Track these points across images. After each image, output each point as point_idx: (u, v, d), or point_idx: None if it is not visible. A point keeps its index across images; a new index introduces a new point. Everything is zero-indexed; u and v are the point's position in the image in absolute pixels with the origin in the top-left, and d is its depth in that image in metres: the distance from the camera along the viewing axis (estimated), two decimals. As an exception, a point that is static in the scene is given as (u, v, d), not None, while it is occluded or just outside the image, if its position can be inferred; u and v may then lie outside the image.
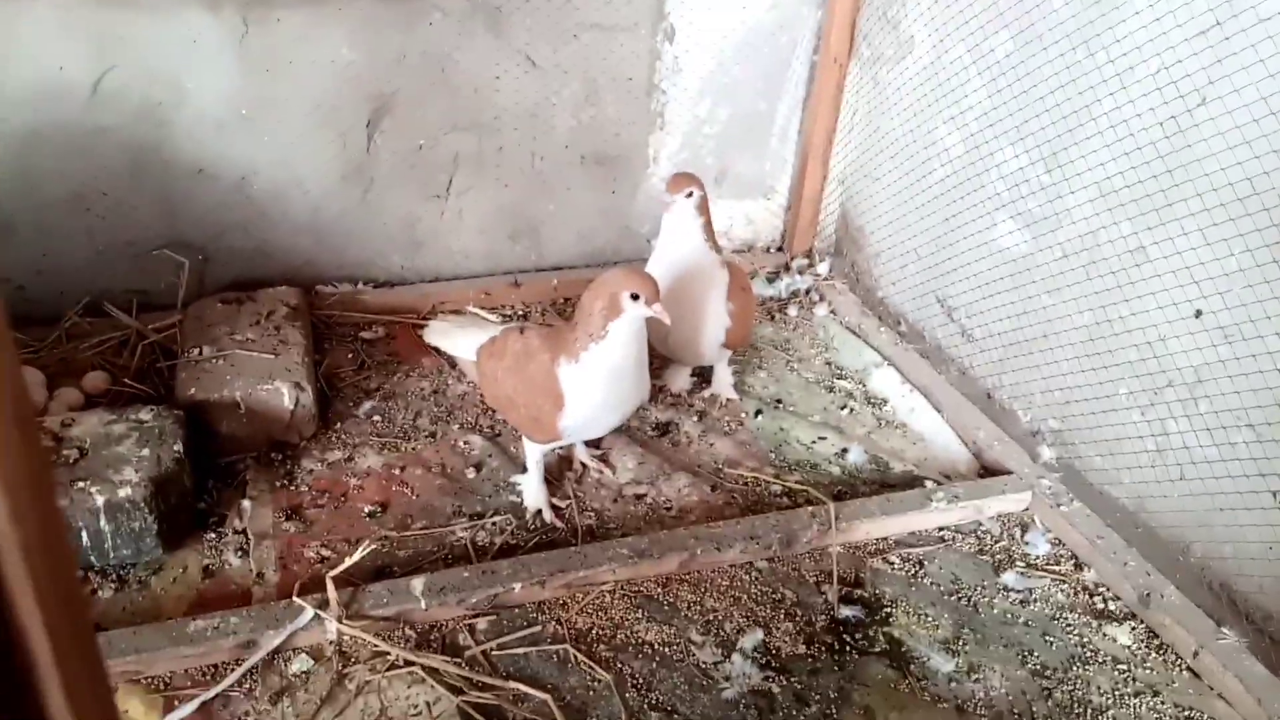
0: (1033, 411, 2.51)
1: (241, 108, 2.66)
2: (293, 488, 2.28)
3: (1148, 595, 2.07)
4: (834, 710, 1.87)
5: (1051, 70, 2.28)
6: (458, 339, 2.43)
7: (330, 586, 1.91)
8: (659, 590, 2.09)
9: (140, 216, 2.71)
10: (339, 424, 2.49)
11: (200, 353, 2.40)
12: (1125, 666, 1.99)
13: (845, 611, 2.07)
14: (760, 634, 2.00)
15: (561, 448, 2.38)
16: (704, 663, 1.94)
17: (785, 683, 1.91)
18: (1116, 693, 1.93)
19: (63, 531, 0.38)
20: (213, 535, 2.14)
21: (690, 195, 2.39)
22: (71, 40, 2.44)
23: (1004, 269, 2.54)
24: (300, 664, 1.86)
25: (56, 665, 0.35)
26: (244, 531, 2.15)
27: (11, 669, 0.34)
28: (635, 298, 1.98)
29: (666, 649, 1.97)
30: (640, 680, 1.89)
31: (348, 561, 1.98)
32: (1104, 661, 2.00)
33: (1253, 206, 1.86)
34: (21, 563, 0.33)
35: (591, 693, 1.86)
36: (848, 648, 2.00)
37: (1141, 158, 2.07)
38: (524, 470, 2.32)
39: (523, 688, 1.83)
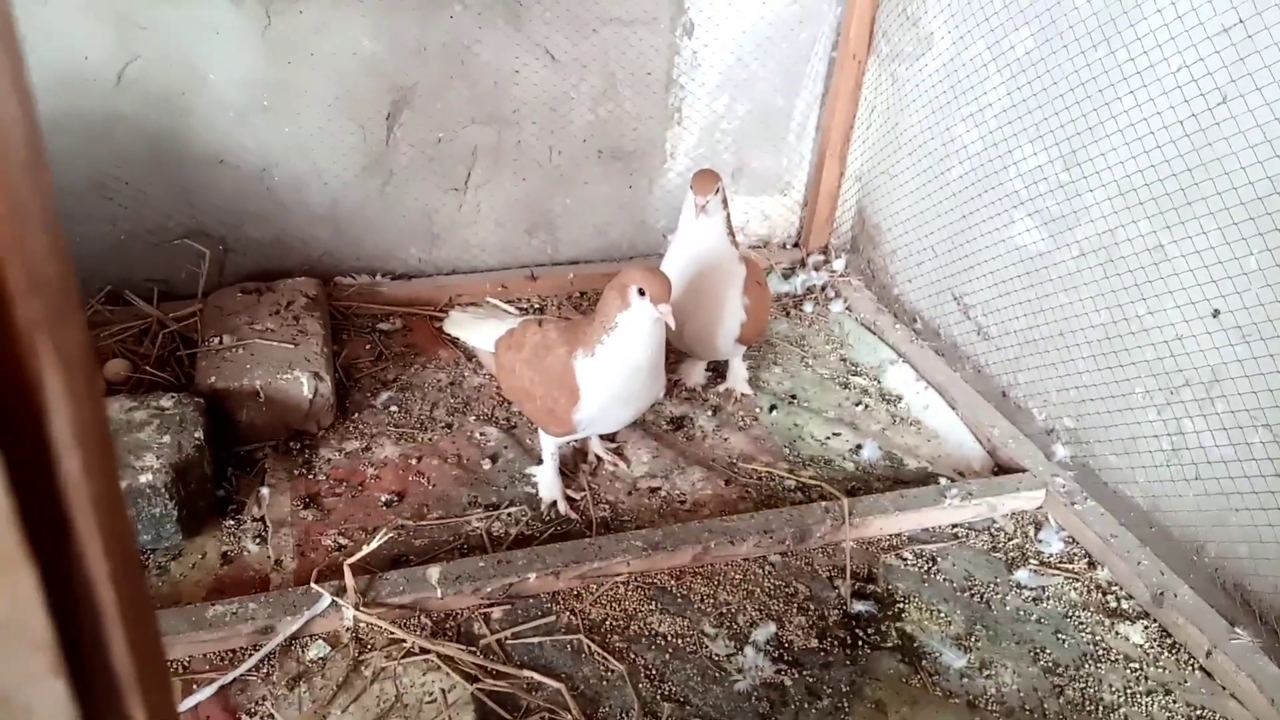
0: (1048, 410, 2.51)
1: (263, 98, 2.68)
2: (311, 476, 2.31)
3: (1161, 594, 2.07)
4: (846, 704, 1.88)
5: (1072, 68, 2.27)
6: (477, 330, 2.44)
7: (347, 574, 1.93)
8: (672, 582, 2.10)
9: (161, 205, 2.73)
10: (357, 414, 2.51)
11: (220, 342, 2.43)
12: (1137, 665, 1.99)
13: (858, 606, 2.08)
14: (773, 627, 2.01)
15: (577, 441, 2.39)
16: (716, 655, 1.96)
17: (797, 676, 1.92)
18: (1128, 691, 1.93)
19: (120, 490, 0.39)
20: (231, 522, 2.17)
21: (718, 192, 2.39)
22: (97, 29, 2.46)
23: (1021, 267, 2.53)
24: (317, 650, 1.88)
25: (120, 615, 0.36)
26: (262, 519, 2.17)
27: (79, 617, 0.36)
28: (642, 294, 1.99)
29: (679, 641, 1.98)
30: (653, 671, 1.91)
31: (365, 550, 2.00)
32: (1116, 660, 2.00)
33: (1272, 206, 1.85)
34: (91, 515, 0.34)
35: (605, 683, 1.88)
36: (860, 642, 2.01)
37: (1161, 156, 2.07)
38: (539, 462, 2.34)
39: (537, 676, 1.85)
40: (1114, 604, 2.13)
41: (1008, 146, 2.52)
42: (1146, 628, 2.07)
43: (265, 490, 2.24)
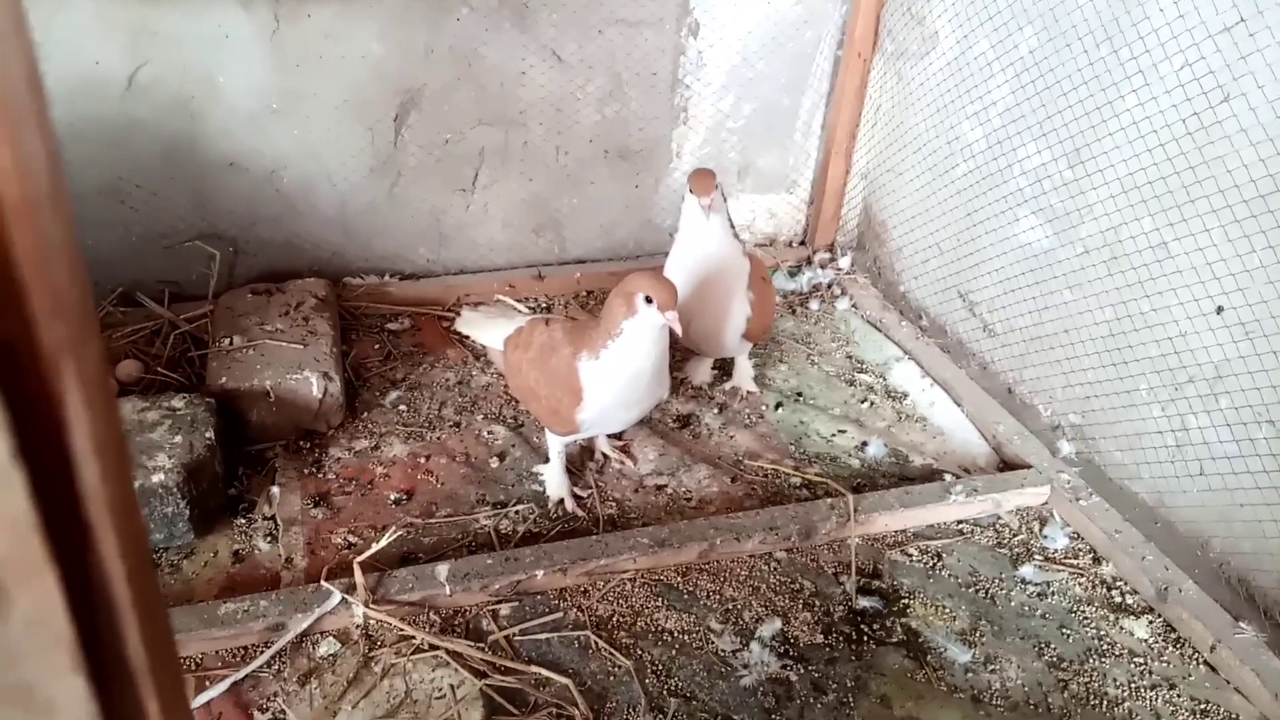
0: (1053, 406, 2.52)
1: (272, 102, 2.71)
2: (320, 475, 2.34)
3: (1165, 589, 2.08)
4: (851, 699, 1.89)
5: (1075, 66, 2.28)
6: (487, 329, 2.47)
7: (357, 571, 1.95)
8: (679, 579, 2.12)
9: (173, 208, 2.77)
10: (366, 413, 2.54)
11: (231, 342, 2.46)
12: (1142, 660, 2.00)
13: (863, 602, 2.09)
14: (778, 623, 2.03)
15: (583, 439, 2.41)
16: (723, 650, 1.97)
17: (803, 671, 1.94)
18: (1133, 685, 1.95)
19: (134, 493, 0.41)
20: (242, 521, 2.20)
21: (716, 189, 2.40)
22: (108, 35, 2.49)
23: (1026, 264, 2.54)
24: (327, 647, 1.91)
25: (135, 611, 0.38)
26: (273, 517, 2.20)
27: (97, 615, 0.38)
28: (649, 301, 2.01)
29: (686, 637, 2.00)
30: (660, 667, 1.93)
31: (374, 547, 2.03)
32: (1121, 654, 2.01)
33: (1275, 203, 1.86)
34: (108, 519, 0.36)
35: (612, 678, 1.90)
36: (865, 638, 2.02)
37: (1164, 154, 2.08)
38: (546, 460, 2.36)
39: (545, 672, 1.87)
40: (1119, 599, 2.14)
41: (1012, 144, 2.53)
42: (1151, 623, 2.08)
43: (276, 489, 2.27)
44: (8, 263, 0.30)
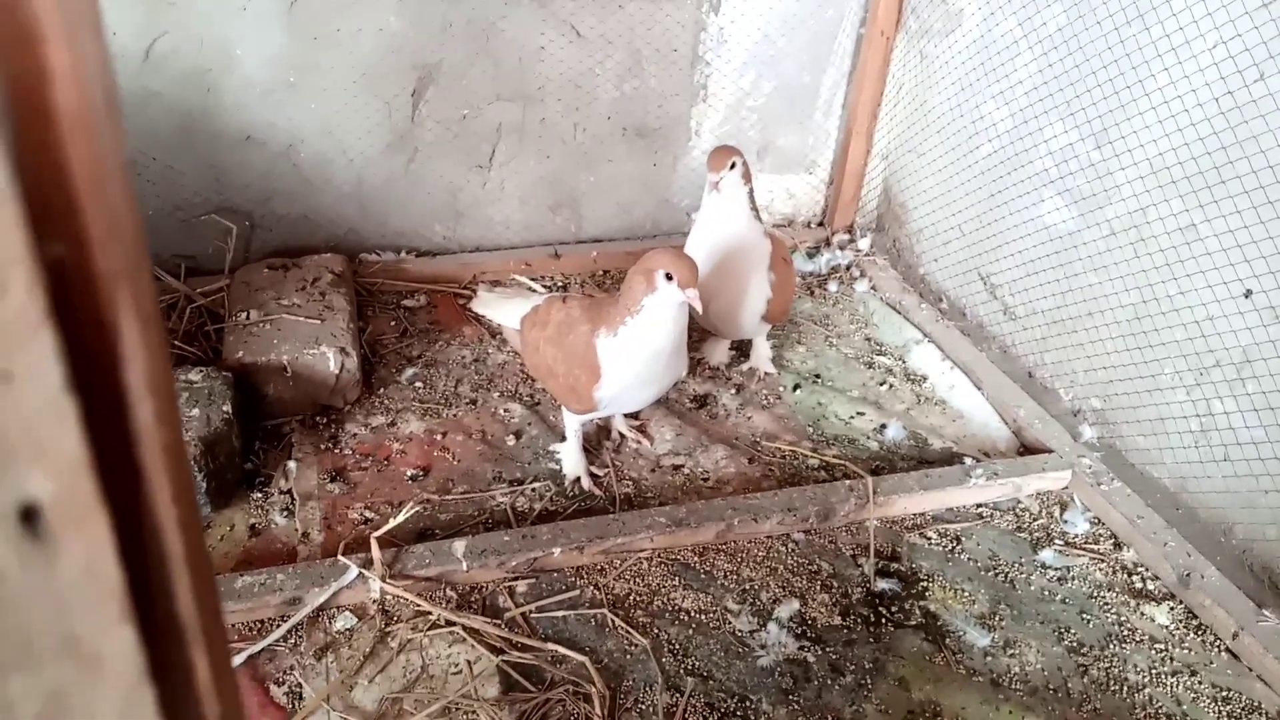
0: (1075, 390, 2.50)
1: (289, 75, 2.69)
2: (337, 450, 2.33)
3: (1188, 576, 2.06)
4: (869, 681, 1.88)
5: (1105, 44, 2.24)
6: (503, 307, 2.45)
7: (374, 546, 1.94)
8: (696, 559, 2.11)
9: (189, 182, 2.75)
10: (382, 389, 2.53)
11: (248, 317, 2.45)
12: (1163, 646, 1.98)
13: (881, 584, 2.08)
14: (796, 604, 2.01)
15: (600, 418, 2.39)
16: (740, 630, 1.96)
17: (820, 652, 1.93)
18: (1154, 671, 1.93)
19: (184, 439, 0.40)
20: (259, 495, 2.19)
21: (734, 167, 2.38)
22: (125, 6, 2.47)
23: (1049, 246, 2.51)
24: (344, 621, 1.90)
25: (186, 562, 0.37)
26: (289, 492, 2.20)
27: (146, 565, 0.36)
28: (669, 278, 1.98)
29: (703, 616, 1.99)
30: (677, 646, 1.92)
31: (391, 522, 2.02)
32: (1141, 640, 1.99)
33: (1310, 184, 1.83)
34: (162, 463, 0.35)
35: (629, 656, 1.89)
36: (883, 620, 2.01)
37: (1195, 134, 2.04)
38: (563, 439, 2.35)
39: (562, 650, 1.86)
40: (1140, 585, 2.12)
41: (1037, 124, 2.49)
42: (1172, 609, 2.06)
43: (292, 464, 2.26)
44: (64, 177, 0.28)
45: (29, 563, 0.33)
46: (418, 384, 2.57)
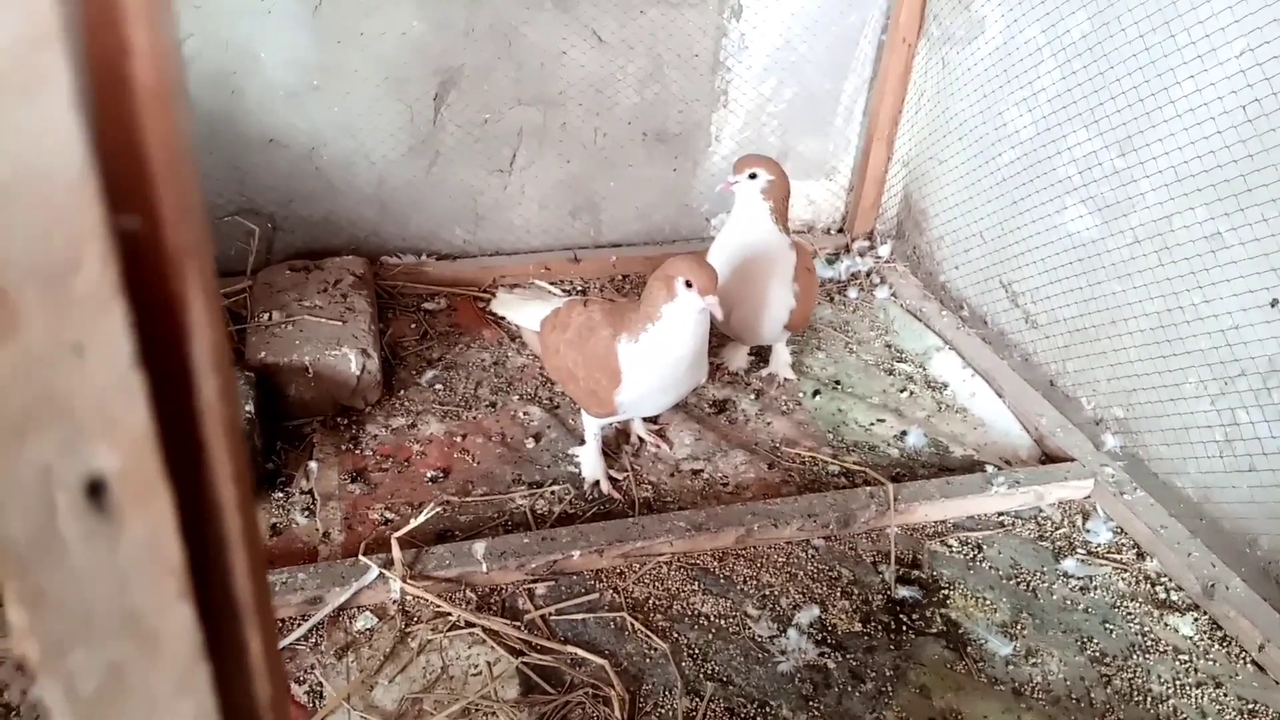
0: (1097, 399, 2.48)
1: (312, 79, 2.70)
2: (358, 451, 2.33)
3: (1212, 586, 2.04)
4: (890, 688, 1.87)
5: (1130, 51, 2.23)
6: (523, 310, 2.46)
7: (395, 547, 1.95)
8: (715, 564, 2.11)
9: (212, 183, 2.77)
10: (402, 391, 2.53)
11: (270, 318, 2.46)
12: (1187, 657, 1.96)
13: (902, 592, 2.07)
14: (816, 610, 2.00)
15: (619, 422, 2.39)
16: (759, 636, 1.96)
17: (841, 659, 1.92)
18: (1177, 683, 1.91)
19: (241, 418, 0.40)
20: (280, 494, 2.20)
21: (754, 177, 2.38)
22: (152, 9, 2.49)
23: (1071, 254, 2.50)
24: (364, 621, 1.91)
25: (242, 542, 0.37)
26: (310, 492, 2.20)
27: (206, 543, 0.37)
28: (689, 285, 1.99)
29: (722, 621, 1.98)
30: (696, 650, 1.91)
31: (412, 523, 2.02)
32: (1165, 651, 1.98)
33: (1339, 192, 1.81)
34: (224, 440, 0.35)
35: (648, 660, 1.88)
36: (904, 627, 2.00)
37: (1221, 142, 2.03)
38: (582, 442, 2.35)
39: (581, 652, 1.86)
40: (1163, 595, 2.10)
41: (1060, 131, 2.48)
42: (1196, 620, 2.04)
43: (313, 464, 2.27)
44: (139, 153, 0.29)
45: (93, 537, 0.33)
46: (438, 386, 2.57)
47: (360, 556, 1.96)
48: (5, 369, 0.31)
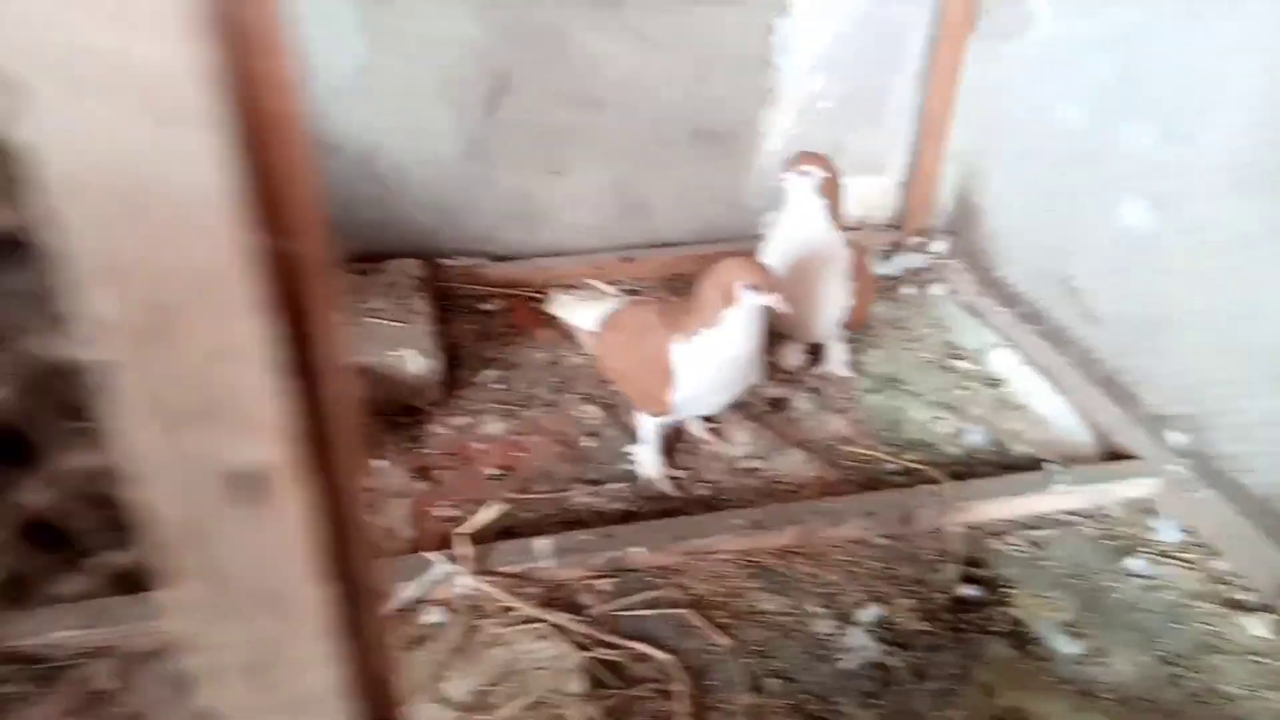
0: (1160, 395, 2.44)
1: (367, 83, 2.75)
2: (421, 450, 2.37)
3: (1285, 585, 2.00)
4: (954, 686, 1.86)
5: (1187, 39, 2.20)
6: (580, 310, 2.48)
7: (462, 543, 1.98)
8: (776, 562, 2.11)
9: (274, 189, 2.83)
10: (462, 391, 2.57)
11: (332, 320, 2.51)
12: (1260, 658, 1.93)
13: (965, 590, 2.06)
14: (878, 609, 2.00)
15: (675, 421, 2.41)
16: (821, 634, 1.96)
17: (904, 657, 1.91)
18: (1251, 684, 1.88)
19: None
20: (345, 493, 2.24)
21: (806, 175, 2.39)
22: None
23: (1130, 248, 2.47)
24: (432, 616, 1.94)
25: (369, 530, 0.39)
26: (376, 490, 2.25)
27: (339, 530, 0.39)
28: (753, 288, 2.00)
29: (784, 619, 1.99)
30: (759, 647, 1.92)
31: (477, 520, 2.06)
32: (1237, 652, 1.94)
33: None
34: (349, 434, 0.38)
35: (710, 656, 1.90)
36: (967, 626, 1.99)
37: (1287, 131, 1.99)
38: (639, 441, 2.36)
39: (647, 648, 1.88)
40: (1233, 595, 2.07)
41: (1114, 124, 2.45)
42: (1270, 620, 2.01)
43: (384, 463, 2.31)
44: (277, 176, 0.31)
45: (243, 522, 0.36)
46: (496, 386, 2.61)
47: (427, 552, 1.99)
48: (168, 369, 0.33)
